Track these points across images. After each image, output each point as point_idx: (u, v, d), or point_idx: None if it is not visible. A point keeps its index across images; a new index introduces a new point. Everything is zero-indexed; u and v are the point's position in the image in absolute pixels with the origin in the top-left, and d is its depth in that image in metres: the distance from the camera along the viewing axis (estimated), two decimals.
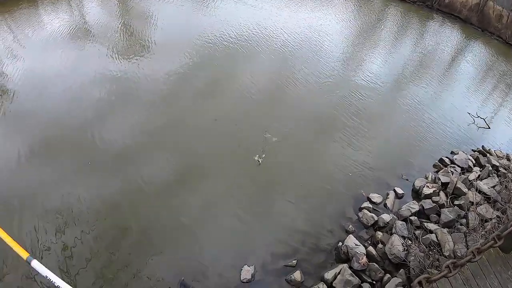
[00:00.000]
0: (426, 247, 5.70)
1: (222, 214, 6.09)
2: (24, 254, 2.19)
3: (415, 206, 6.69)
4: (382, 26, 16.63)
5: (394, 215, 6.50)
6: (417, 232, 6.13)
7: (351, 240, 5.82)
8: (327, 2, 17.68)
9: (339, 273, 5.39)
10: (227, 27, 12.47)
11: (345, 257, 5.69)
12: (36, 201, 6.13)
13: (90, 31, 12.09)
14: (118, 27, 12.31)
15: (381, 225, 6.26)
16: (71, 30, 12.07)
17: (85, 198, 6.11)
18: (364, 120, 8.93)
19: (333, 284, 5.26)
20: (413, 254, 5.52)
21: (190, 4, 14.44)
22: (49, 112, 8.03)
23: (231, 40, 11.76)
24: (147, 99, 8.62)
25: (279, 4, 15.98)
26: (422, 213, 6.62)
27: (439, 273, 2.90)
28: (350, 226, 6.18)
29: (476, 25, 18.64)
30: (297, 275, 5.34)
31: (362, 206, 6.60)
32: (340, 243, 5.84)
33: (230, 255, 5.49)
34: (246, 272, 5.29)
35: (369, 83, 10.78)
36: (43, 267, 2.11)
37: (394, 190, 7.06)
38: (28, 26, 12.57)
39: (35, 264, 2.14)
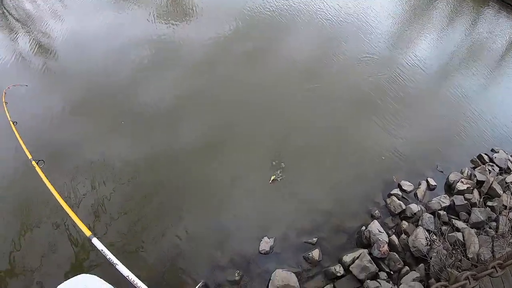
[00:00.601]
0: (450, 245, 5.49)
1: (251, 185, 6.07)
2: (87, 232, 2.51)
3: (445, 201, 6.41)
4: (433, 8, 15.65)
5: (423, 206, 6.27)
6: (444, 228, 5.90)
7: (375, 226, 5.66)
8: None
9: (357, 257, 5.29)
10: None
11: (367, 242, 5.57)
12: (72, 155, 6.40)
13: None
14: None
15: (408, 215, 6.07)
16: None
17: (120, 155, 6.34)
18: (403, 105, 8.52)
19: (350, 268, 5.17)
20: (435, 251, 5.33)
21: None
22: (89, 72, 8.24)
23: (276, 11, 11.42)
24: (188, 63, 8.65)
25: None
26: (452, 209, 6.35)
27: (457, 284, 2.78)
28: (376, 212, 6.02)
29: None
30: (315, 253, 5.28)
31: (391, 192, 6.40)
32: (364, 227, 5.71)
33: (252, 226, 5.50)
34: (265, 244, 5.26)
35: (413, 67, 10.22)
36: (101, 244, 2.35)
37: (427, 181, 6.79)
38: None
39: (95, 241, 2.41)
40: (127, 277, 2.11)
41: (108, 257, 2.24)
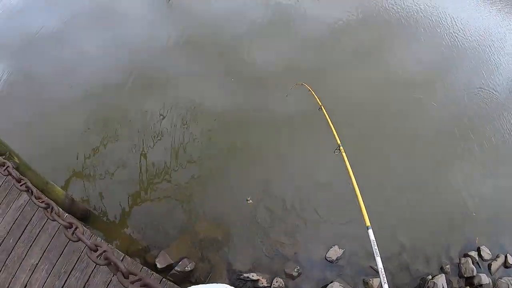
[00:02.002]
0: None
1: (337, 192, 5.83)
2: (367, 222, 2.79)
3: None
4: None
5: (492, 280, 5.85)
6: None
7: (441, 281, 5.40)
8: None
9: None
10: None
11: None
12: (169, 86, 7.45)
13: None
14: None
15: (475, 284, 5.71)
16: None
17: (213, 103, 7.02)
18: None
19: None
20: None
21: None
22: (206, 18, 9.09)
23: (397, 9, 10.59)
24: (302, 35, 8.96)
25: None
26: None
27: None
28: (448, 266, 5.71)
29: None
30: (375, 282, 5.10)
31: (468, 253, 6.00)
32: (430, 277, 5.45)
33: (328, 230, 5.30)
34: (334, 252, 5.12)
35: None
36: (374, 240, 2.52)
37: (506, 256, 6.29)
38: None
39: (371, 233, 2.65)
40: (380, 270, 2.24)
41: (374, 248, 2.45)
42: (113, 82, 7.64)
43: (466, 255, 5.95)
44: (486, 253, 6.14)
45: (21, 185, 2.95)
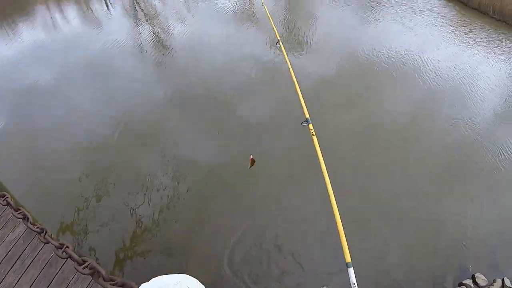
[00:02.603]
0: None
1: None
2: (347, 258, 2.70)
3: None
4: None
5: None
6: None
7: None
8: (496, 50, 15.85)
9: None
10: (379, 46, 12.54)
11: None
12: (161, 142, 8.05)
13: (254, 16, 14.17)
14: (281, 19, 13.98)
15: None
16: (237, 10, 14.52)
17: (203, 158, 7.63)
18: (501, 182, 7.98)
19: None
20: None
21: (356, 15, 15.38)
22: (198, 74, 10.04)
23: (383, 59, 11.93)
24: (286, 92, 9.24)
25: (444, 35, 15.11)
26: None
27: None
28: None
29: None
30: None
31: (463, 281, 6.02)
32: None
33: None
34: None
35: None
36: (354, 278, 2.54)
37: (503, 280, 6.22)
38: None
39: (351, 271, 2.61)
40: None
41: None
42: (103, 137, 8.27)
43: (460, 284, 5.99)
44: (481, 279, 6.16)
45: (18, 213, 3.49)
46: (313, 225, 6.41)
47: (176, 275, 1.94)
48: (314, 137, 3.79)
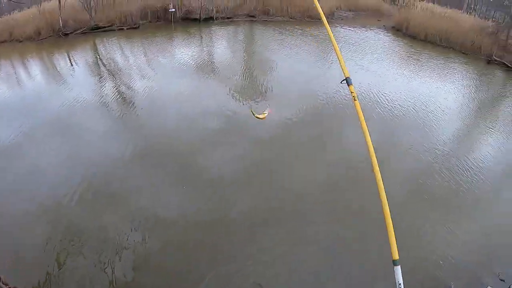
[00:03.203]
0: None
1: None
2: (395, 255, 2.49)
3: None
4: (501, 105, 15.17)
5: None
6: None
7: None
8: (445, 74, 16.98)
9: None
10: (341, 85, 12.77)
11: None
12: (126, 197, 7.95)
13: (214, 68, 14.57)
14: (239, 70, 14.42)
15: None
16: (197, 63, 14.80)
17: (170, 212, 7.59)
18: (463, 205, 8.38)
19: None
20: None
21: (308, 63, 15.85)
22: (161, 128, 10.09)
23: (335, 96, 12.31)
24: (251, 140, 9.92)
25: (395, 68, 16.22)
26: None
27: None
28: None
29: None
30: None
31: None
32: None
33: None
34: None
35: (480, 164, 9.92)
36: (401, 277, 2.41)
37: None
38: (160, 52, 15.98)
39: (398, 270, 2.46)
40: None
41: None
42: (65, 197, 8.03)
43: None
44: None
45: None
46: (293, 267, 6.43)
47: None
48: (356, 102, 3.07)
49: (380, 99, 12.73)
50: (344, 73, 3.13)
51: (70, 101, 12.05)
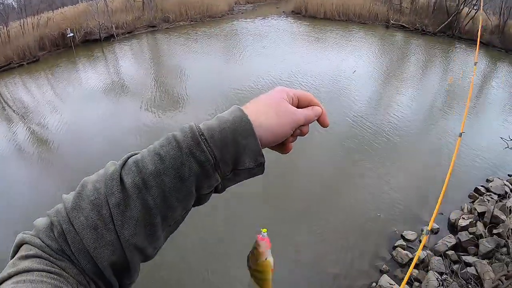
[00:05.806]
0: (465, 281, 5.57)
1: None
2: None
3: (451, 240, 6.57)
4: (407, 62, 16.76)
5: (430, 251, 6.40)
6: (455, 266, 6.01)
7: (385, 280, 5.79)
8: (348, 45, 18.18)
9: None
10: (253, 77, 13.32)
11: None
12: None
13: (125, 86, 14.06)
14: (150, 83, 14.05)
15: (417, 263, 6.16)
16: (107, 85, 14.16)
17: None
18: (392, 157, 9.04)
19: None
20: None
21: (219, 58, 16.12)
22: (83, 160, 9.15)
23: (251, 89, 12.56)
24: None
25: (301, 49, 16.75)
26: (459, 246, 6.48)
27: None
28: (384, 266, 6.15)
29: (499, 46, 18.25)
30: None
31: (395, 244, 6.55)
32: (374, 284, 5.82)
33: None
34: None
35: (399, 119, 10.85)
36: None
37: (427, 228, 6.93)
38: (66, 81, 15.35)
39: None
40: None
41: None
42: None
43: (394, 248, 6.47)
44: (410, 235, 6.75)
45: None
46: None
47: None
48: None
49: (295, 80, 13.24)
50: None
51: None
